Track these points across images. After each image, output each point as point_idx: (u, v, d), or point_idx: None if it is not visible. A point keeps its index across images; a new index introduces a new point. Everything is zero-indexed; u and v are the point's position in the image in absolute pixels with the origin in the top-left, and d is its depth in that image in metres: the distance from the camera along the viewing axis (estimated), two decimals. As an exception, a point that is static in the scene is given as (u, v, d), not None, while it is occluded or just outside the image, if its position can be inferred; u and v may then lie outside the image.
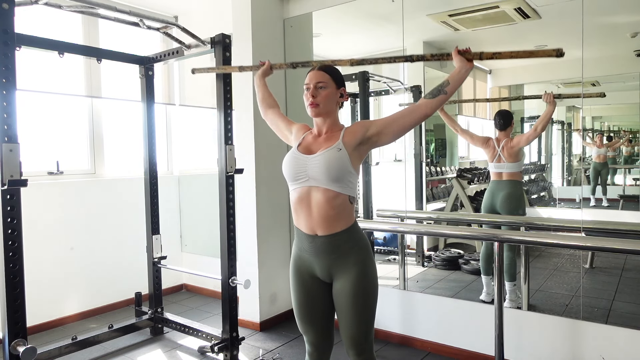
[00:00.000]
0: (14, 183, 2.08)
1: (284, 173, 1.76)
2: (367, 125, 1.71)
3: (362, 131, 1.70)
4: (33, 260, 3.07)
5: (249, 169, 3.34)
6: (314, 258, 1.74)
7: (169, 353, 3.10)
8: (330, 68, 1.77)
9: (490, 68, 3.62)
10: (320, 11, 3.44)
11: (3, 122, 2.07)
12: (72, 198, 3.66)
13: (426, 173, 3.72)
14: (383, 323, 3.16)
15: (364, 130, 1.70)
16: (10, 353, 2.14)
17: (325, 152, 1.67)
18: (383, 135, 1.69)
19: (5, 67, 2.08)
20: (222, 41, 2.72)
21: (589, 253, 3.11)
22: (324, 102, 1.72)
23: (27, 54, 2.82)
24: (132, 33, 3.78)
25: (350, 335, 1.72)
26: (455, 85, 1.66)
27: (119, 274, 3.95)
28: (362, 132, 1.70)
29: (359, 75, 3.72)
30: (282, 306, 3.62)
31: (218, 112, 2.78)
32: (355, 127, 1.74)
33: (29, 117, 3.52)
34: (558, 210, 3.32)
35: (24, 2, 2.25)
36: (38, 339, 3.30)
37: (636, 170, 3.31)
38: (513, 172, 3.16)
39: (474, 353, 2.81)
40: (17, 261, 2.17)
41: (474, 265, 3.51)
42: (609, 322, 2.56)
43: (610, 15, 2.94)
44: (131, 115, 4.14)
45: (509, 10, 2.99)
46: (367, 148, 1.73)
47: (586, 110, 3.33)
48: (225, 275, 2.84)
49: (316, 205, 1.67)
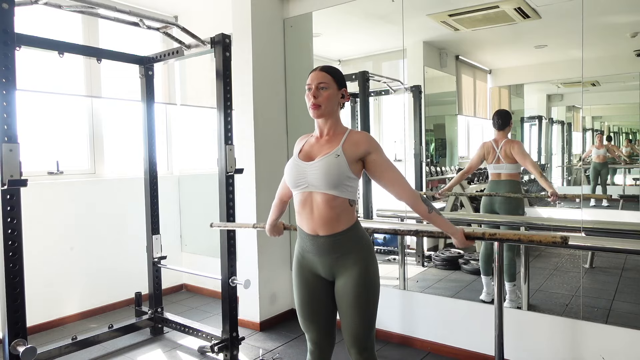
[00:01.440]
0: (14, 183, 2.08)
1: (286, 180, 1.80)
2: (370, 151, 1.70)
3: (363, 152, 1.70)
4: (33, 260, 3.07)
5: (249, 169, 3.34)
6: (316, 257, 1.75)
7: (169, 353, 3.10)
8: (332, 69, 1.78)
9: (490, 68, 3.62)
10: (320, 11, 3.44)
11: (3, 122, 2.07)
12: (72, 198, 3.66)
13: (426, 173, 3.72)
14: (383, 323, 3.16)
15: (365, 152, 1.70)
16: (10, 353, 2.14)
17: (324, 159, 1.68)
18: (372, 173, 1.74)
19: (5, 67, 2.08)
20: (222, 41, 2.72)
21: (589, 253, 3.11)
22: (326, 102, 1.72)
23: (27, 54, 2.82)
24: (132, 33, 3.79)
25: (352, 334, 1.73)
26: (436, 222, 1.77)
27: (119, 274, 3.95)
28: (363, 154, 1.70)
29: (359, 75, 3.72)
30: (282, 306, 3.62)
31: (218, 112, 2.78)
32: (359, 141, 1.72)
33: (29, 117, 3.52)
34: (558, 210, 3.32)
35: (24, 2, 2.25)
36: (38, 339, 3.30)
37: (636, 170, 3.31)
38: (512, 172, 3.16)
39: (474, 353, 2.81)
40: (17, 261, 2.17)
41: (474, 265, 3.51)
42: (609, 322, 2.56)
43: (610, 15, 2.94)
44: (131, 115, 4.14)
45: (509, 10, 2.99)
46: (362, 166, 1.74)
47: (586, 110, 3.33)
48: (225, 275, 2.84)
49: (317, 207, 1.69)
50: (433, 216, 1.75)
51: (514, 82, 3.64)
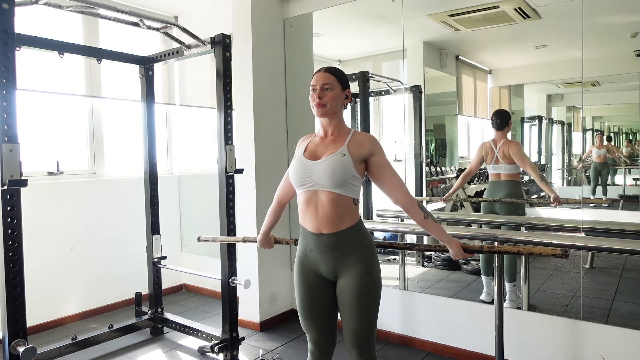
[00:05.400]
0: (14, 183, 2.08)
1: (291, 179, 1.81)
2: (372, 152, 1.73)
3: (366, 153, 1.73)
4: (33, 260, 3.07)
5: (249, 169, 3.34)
6: (319, 256, 1.75)
7: (169, 353, 3.10)
8: (336, 70, 1.81)
9: (490, 68, 3.62)
10: (320, 11, 3.44)
11: (3, 122, 2.07)
12: (72, 198, 3.66)
13: (426, 173, 3.72)
14: (383, 323, 3.16)
15: (368, 154, 1.73)
16: (10, 353, 2.14)
17: (330, 158, 1.70)
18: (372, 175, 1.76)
19: (5, 67, 2.08)
20: (222, 41, 2.72)
21: (589, 253, 3.11)
22: (330, 102, 1.74)
23: (27, 54, 2.82)
24: (132, 33, 3.79)
25: (353, 334, 1.73)
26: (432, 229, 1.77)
27: (119, 274, 3.95)
28: (366, 155, 1.73)
29: (359, 75, 3.72)
30: (282, 306, 3.62)
31: (218, 112, 2.78)
32: (363, 142, 1.74)
33: (29, 117, 3.52)
34: (558, 210, 3.32)
35: (24, 2, 2.25)
36: (38, 339, 3.30)
37: (636, 170, 3.31)
38: (511, 172, 3.16)
39: (474, 353, 2.81)
40: (17, 261, 2.17)
41: (474, 265, 3.51)
42: (609, 322, 2.56)
43: (610, 15, 2.94)
44: (131, 115, 4.14)
45: (509, 10, 2.99)
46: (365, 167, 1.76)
47: (586, 110, 3.33)
48: (225, 275, 2.84)
49: (321, 206, 1.71)
50: (429, 223, 1.76)
51: (514, 82, 3.64)
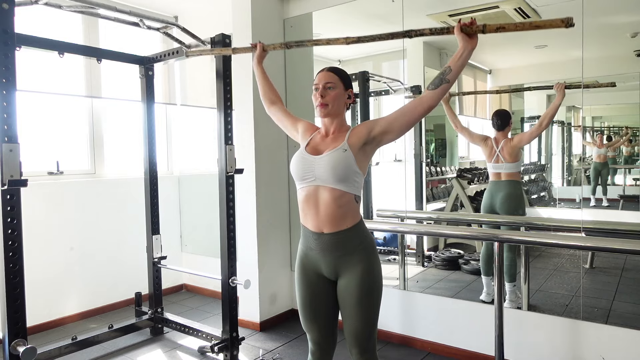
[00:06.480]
0: (14, 183, 2.08)
1: (292, 172, 1.79)
2: (371, 126, 1.71)
3: (366, 132, 1.71)
4: (33, 260, 3.07)
5: (249, 169, 3.34)
6: (320, 256, 1.75)
7: (169, 353, 3.10)
8: (339, 70, 1.80)
9: (490, 68, 3.62)
10: (320, 11, 3.44)
11: (3, 122, 2.07)
12: (72, 198, 3.66)
13: (426, 173, 3.72)
14: (383, 323, 3.16)
15: (368, 130, 1.71)
16: (10, 353, 2.14)
17: (332, 153, 1.70)
18: (388, 133, 1.68)
19: (5, 67, 2.08)
20: (222, 41, 2.72)
21: (589, 253, 3.11)
22: (333, 102, 1.74)
23: (27, 54, 2.81)
24: (132, 33, 3.78)
25: (354, 333, 1.73)
26: (458, 71, 1.57)
27: (119, 274, 3.95)
28: (367, 133, 1.70)
29: (359, 75, 3.72)
30: (282, 306, 3.62)
31: (218, 112, 2.78)
32: (360, 127, 1.75)
33: (29, 117, 3.52)
34: (558, 210, 3.32)
35: (24, 2, 2.25)
36: (38, 339, 3.30)
37: (636, 170, 3.31)
38: (512, 172, 3.15)
39: (474, 353, 2.81)
40: (17, 261, 2.17)
41: (474, 265, 3.51)
42: (609, 322, 2.56)
43: (610, 15, 2.94)
44: (131, 115, 4.14)
45: (509, 10, 2.99)
46: (372, 147, 1.73)
47: (586, 110, 3.33)
48: (225, 275, 2.84)
49: (323, 204, 1.69)
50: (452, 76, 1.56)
51: (514, 82, 3.64)
